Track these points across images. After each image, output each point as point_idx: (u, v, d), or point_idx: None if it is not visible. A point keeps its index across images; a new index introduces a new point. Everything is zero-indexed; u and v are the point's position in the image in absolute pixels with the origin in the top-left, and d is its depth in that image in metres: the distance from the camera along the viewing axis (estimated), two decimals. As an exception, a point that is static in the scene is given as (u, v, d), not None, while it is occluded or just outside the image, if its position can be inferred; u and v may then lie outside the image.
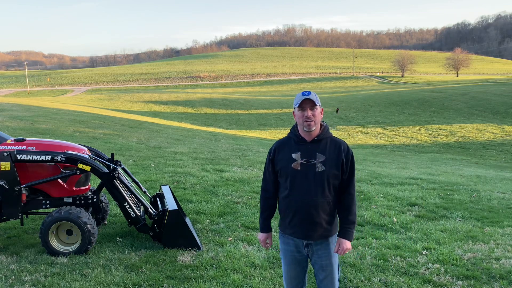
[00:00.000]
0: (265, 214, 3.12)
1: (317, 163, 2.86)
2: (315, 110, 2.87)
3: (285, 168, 2.91)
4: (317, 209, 2.86)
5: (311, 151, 2.88)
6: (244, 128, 34.66)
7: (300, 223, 2.91)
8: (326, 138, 2.94)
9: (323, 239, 2.94)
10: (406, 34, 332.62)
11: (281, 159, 2.94)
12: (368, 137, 31.05)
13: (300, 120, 2.89)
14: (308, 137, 2.91)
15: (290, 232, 2.97)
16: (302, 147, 2.91)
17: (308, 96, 2.85)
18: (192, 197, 7.23)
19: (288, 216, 2.95)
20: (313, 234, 2.91)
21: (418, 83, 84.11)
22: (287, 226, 2.98)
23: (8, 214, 4.88)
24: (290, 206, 2.92)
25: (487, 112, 38.26)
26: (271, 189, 3.05)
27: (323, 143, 2.92)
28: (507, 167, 17.95)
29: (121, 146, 13.74)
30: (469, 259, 4.76)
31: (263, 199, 3.12)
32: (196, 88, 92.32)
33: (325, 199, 2.87)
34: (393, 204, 7.28)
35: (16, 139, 5.09)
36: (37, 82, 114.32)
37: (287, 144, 2.99)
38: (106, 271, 4.36)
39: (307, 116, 2.84)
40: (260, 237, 3.18)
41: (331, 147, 2.91)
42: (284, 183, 2.94)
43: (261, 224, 3.16)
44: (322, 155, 2.87)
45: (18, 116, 20.14)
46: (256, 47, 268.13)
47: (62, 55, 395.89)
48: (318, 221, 2.88)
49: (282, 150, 2.97)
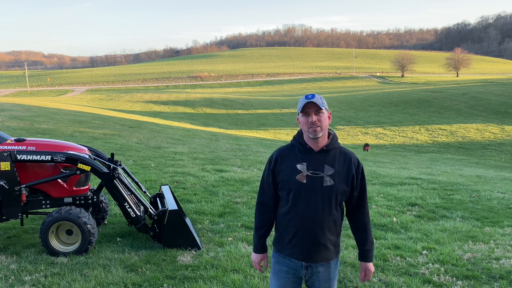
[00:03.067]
0: (262, 231, 2.75)
1: (325, 176, 2.55)
2: (321, 114, 2.55)
3: (288, 180, 2.58)
4: (323, 228, 2.56)
5: (319, 163, 2.57)
6: (244, 128, 34.65)
7: (301, 243, 2.59)
8: (335, 149, 2.63)
9: (326, 261, 2.63)
10: (406, 34, 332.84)
11: (284, 170, 2.61)
12: (368, 137, 31.04)
13: (304, 126, 2.57)
14: (315, 146, 2.59)
15: (289, 252, 2.63)
16: (309, 158, 2.58)
17: (312, 100, 2.54)
18: (192, 197, 7.24)
19: (287, 234, 2.62)
20: (316, 256, 2.59)
21: (418, 83, 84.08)
22: (285, 245, 2.64)
23: (8, 214, 4.88)
24: (291, 224, 2.60)
25: (487, 112, 38.25)
26: (270, 203, 2.70)
27: (332, 155, 2.61)
28: (507, 167, 17.95)
29: (121, 146, 13.75)
30: (469, 259, 4.76)
31: (260, 214, 2.74)
32: (196, 88, 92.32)
33: (332, 217, 2.57)
34: (393, 204, 7.28)
35: (16, 139, 5.09)
36: (37, 82, 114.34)
37: (290, 152, 2.65)
38: (106, 271, 4.36)
39: (312, 122, 2.53)
40: (255, 258, 2.79)
41: (341, 160, 2.61)
42: (286, 197, 2.61)
43: (256, 243, 2.77)
44: (330, 168, 2.56)
45: (18, 116, 20.14)
46: (256, 47, 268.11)
47: (62, 55, 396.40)
48: (322, 242, 2.58)
49: (285, 159, 2.64)
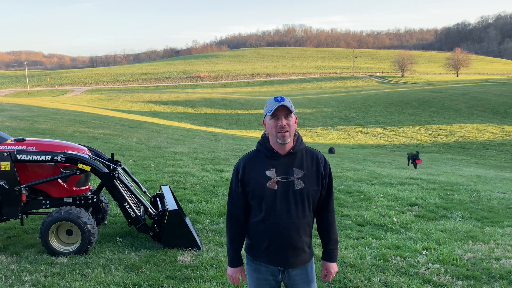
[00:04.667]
0: (235, 244, 2.66)
1: (295, 179, 2.49)
2: (290, 119, 2.48)
3: (259, 189, 2.49)
4: (299, 232, 2.52)
5: (287, 167, 2.51)
6: (244, 128, 34.65)
7: (278, 250, 2.54)
8: (301, 150, 2.57)
9: (304, 264, 2.61)
10: (406, 34, 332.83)
11: (253, 178, 2.52)
12: (368, 137, 31.04)
13: (273, 130, 2.48)
14: (282, 150, 2.52)
15: (266, 260, 2.58)
16: (276, 163, 2.51)
17: (282, 103, 2.45)
18: (192, 197, 7.24)
19: (263, 242, 2.55)
20: (294, 261, 2.56)
21: (418, 83, 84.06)
22: (261, 253, 2.58)
23: (8, 214, 4.88)
24: (266, 232, 2.53)
25: (487, 112, 38.25)
26: (241, 214, 2.62)
27: (299, 156, 2.55)
28: (507, 167, 17.95)
29: (121, 146, 13.75)
30: (469, 259, 4.76)
31: (232, 226, 2.64)
32: (196, 88, 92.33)
33: (306, 220, 2.54)
34: (393, 204, 7.28)
35: (16, 139, 5.09)
36: (37, 82, 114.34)
37: (257, 159, 2.56)
38: (106, 271, 4.36)
39: (282, 126, 2.45)
40: (231, 273, 2.69)
41: (308, 160, 2.56)
42: (258, 206, 2.53)
43: (231, 257, 2.68)
44: (300, 170, 2.51)
45: (18, 116, 20.15)
46: (256, 47, 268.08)
47: (62, 55, 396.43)
48: (300, 246, 2.54)
49: (253, 167, 2.54)
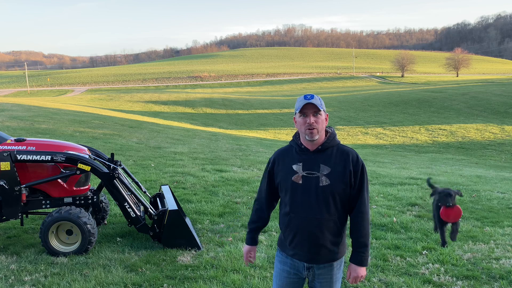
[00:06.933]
0: (253, 226, 2.82)
1: (321, 176, 2.51)
2: (319, 116, 2.52)
3: (285, 181, 2.58)
4: (322, 228, 2.52)
5: (314, 162, 2.54)
6: (244, 128, 34.63)
7: (302, 245, 2.58)
8: (332, 146, 2.58)
9: (327, 262, 2.60)
10: (406, 34, 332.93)
11: (281, 171, 2.63)
12: (368, 137, 31.03)
13: (301, 127, 2.54)
14: (311, 146, 2.56)
15: (291, 253, 2.63)
16: (304, 158, 2.56)
17: (311, 101, 2.49)
18: (192, 197, 7.24)
19: (289, 235, 2.62)
20: (317, 257, 2.58)
21: (418, 83, 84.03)
22: (287, 246, 2.65)
23: (8, 214, 4.88)
24: (290, 225, 2.60)
25: (487, 112, 38.24)
26: (263, 202, 2.76)
27: (328, 153, 2.56)
28: (507, 167, 17.94)
29: (121, 146, 13.75)
30: (469, 259, 4.76)
31: (254, 209, 2.82)
32: (196, 88, 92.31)
33: (331, 217, 2.53)
34: (393, 204, 7.28)
35: (16, 139, 5.09)
36: (37, 82, 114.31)
37: (288, 153, 2.65)
38: (106, 271, 4.36)
39: (310, 123, 2.49)
40: (244, 249, 2.87)
41: (337, 157, 2.55)
42: (284, 198, 2.63)
43: (247, 235, 2.85)
44: (326, 167, 2.52)
45: (18, 116, 20.15)
46: (256, 47, 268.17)
47: (62, 55, 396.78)
48: (322, 243, 2.54)
49: (282, 160, 2.65)
